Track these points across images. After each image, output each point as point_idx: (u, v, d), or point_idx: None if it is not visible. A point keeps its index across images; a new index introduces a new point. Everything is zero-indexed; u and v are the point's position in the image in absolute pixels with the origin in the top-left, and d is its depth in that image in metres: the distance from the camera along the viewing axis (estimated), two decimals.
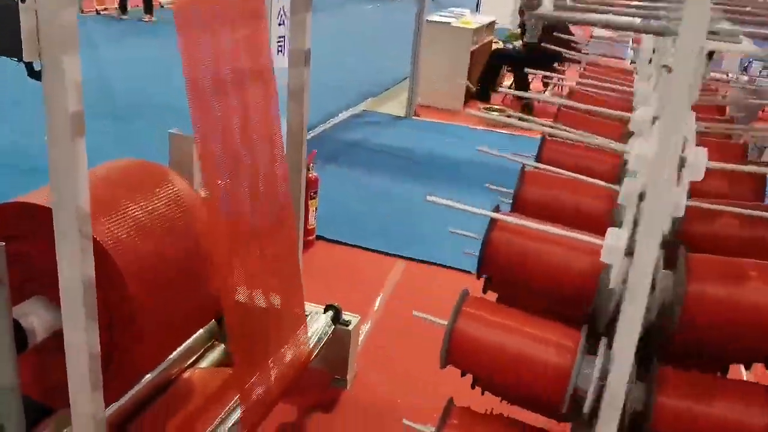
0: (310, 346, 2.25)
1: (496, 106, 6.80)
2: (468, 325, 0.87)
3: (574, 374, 0.84)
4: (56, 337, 1.76)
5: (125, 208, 1.81)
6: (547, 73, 2.32)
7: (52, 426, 1.88)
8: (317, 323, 2.35)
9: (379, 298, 3.22)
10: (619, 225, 1.02)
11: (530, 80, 6.86)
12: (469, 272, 3.49)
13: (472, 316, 0.87)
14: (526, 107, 6.51)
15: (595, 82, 1.59)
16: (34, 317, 1.71)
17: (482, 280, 1.21)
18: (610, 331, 0.90)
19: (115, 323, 1.70)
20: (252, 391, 1.87)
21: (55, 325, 1.75)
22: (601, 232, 0.93)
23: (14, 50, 1.20)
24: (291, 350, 2.11)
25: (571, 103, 1.37)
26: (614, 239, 0.91)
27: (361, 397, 2.52)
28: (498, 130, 6.28)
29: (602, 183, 1.08)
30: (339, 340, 2.43)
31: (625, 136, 1.41)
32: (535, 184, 1.11)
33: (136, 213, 1.83)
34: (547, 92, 7.42)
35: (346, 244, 3.70)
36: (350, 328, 2.45)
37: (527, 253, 0.91)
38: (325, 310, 2.45)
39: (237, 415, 1.85)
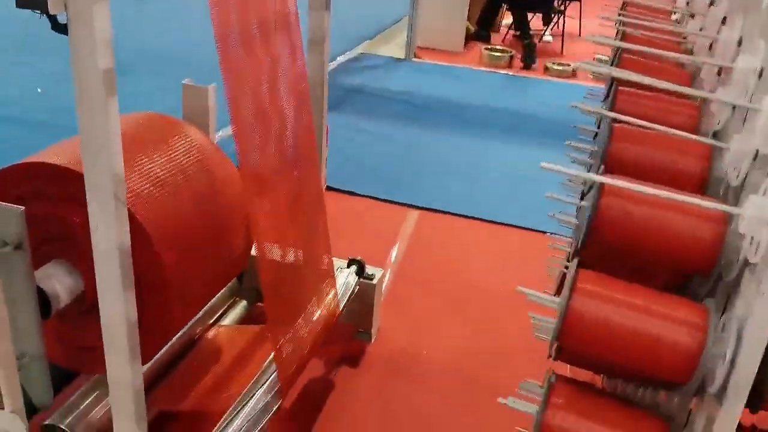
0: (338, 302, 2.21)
1: (498, 47, 6.64)
2: (584, 303, 0.80)
3: (705, 355, 0.79)
4: (78, 302, 1.71)
5: (144, 165, 1.73)
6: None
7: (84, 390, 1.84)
8: (342, 278, 2.30)
9: (394, 249, 3.17)
10: (721, 187, 0.96)
11: (530, 18, 6.68)
12: (485, 221, 3.47)
13: (589, 293, 0.80)
14: (528, 47, 6.35)
15: (643, 22, 1.49)
16: (57, 283, 1.65)
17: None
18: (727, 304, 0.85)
19: (143, 287, 1.63)
20: (285, 349, 1.83)
21: (77, 289, 1.69)
22: (698, 193, 0.87)
23: (38, 2, 1.10)
24: (321, 306, 2.07)
25: (631, 46, 1.27)
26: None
27: (386, 350, 2.49)
28: (500, 71, 6.16)
29: (704, 139, 1.00)
30: (363, 294, 2.39)
31: (691, 83, 1.33)
32: (625, 141, 1.03)
33: (156, 170, 1.75)
34: (547, 31, 7.26)
35: (356, 194, 3.63)
36: (374, 282, 2.40)
37: (643, 221, 0.84)
38: (349, 265, 2.40)
39: (272, 373, 1.81)
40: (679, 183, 0.95)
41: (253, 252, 2.01)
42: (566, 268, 1.53)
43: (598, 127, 1.52)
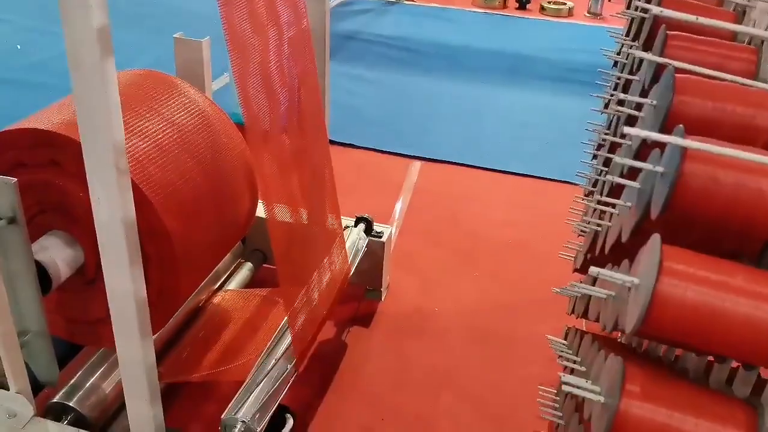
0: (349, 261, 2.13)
1: None
2: (672, 284, 0.72)
3: None
4: (80, 274, 1.62)
5: (144, 129, 1.62)
6: None
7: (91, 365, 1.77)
8: (350, 236, 2.21)
9: (399, 203, 3.08)
10: None
11: None
12: (489, 169, 3.37)
13: (676, 273, 0.72)
14: None
15: None
16: (56, 255, 1.56)
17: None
18: None
19: (149, 258, 1.54)
20: (299, 314, 1.75)
21: (78, 261, 1.60)
22: None
23: None
24: (332, 266, 1.99)
25: None
26: None
27: (397, 308, 2.43)
28: (494, 12, 5.97)
29: None
30: (371, 252, 2.31)
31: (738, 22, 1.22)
32: (691, 93, 0.92)
33: (156, 133, 1.64)
34: None
35: (356, 146, 3.52)
36: (383, 239, 2.32)
37: (733, 188, 0.75)
38: (356, 223, 2.31)
39: (287, 339, 1.74)
40: (752, 140, 0.86)
41: (260, 213, 1.92)
42: (599, 226, 1.45)
43: (630, 73, 1.42)
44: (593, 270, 0.80)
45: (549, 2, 6.06)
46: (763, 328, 0.71)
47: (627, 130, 0.78)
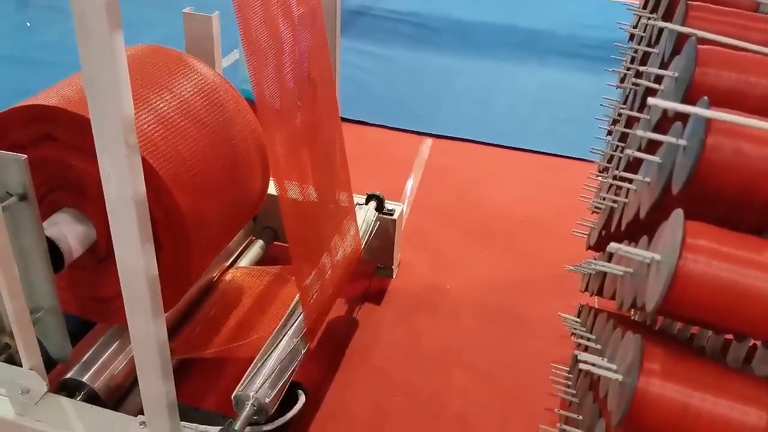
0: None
1: None
2: (695, 261, 0.70)
3: None
4: (92, 251, 1.62)
5: (154, 105, 1.61)
6: None
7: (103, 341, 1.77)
8: (362, 214, 2.20)
9: (410, 180, 3.06)
10: None
11: None
12: (501, 146, 3.34)
13: (699, 249, 0.70)
14: None
15: None
16: (68, 233, 1.56)
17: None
18: None
19: (160, 235, 1.54)
20: (311, 290, 1.75)
21: (90, 238, 1.60)
22: None
23: None
24: (344, 244, 1.98)
25: None
26: None
27: (409, 286, 2.42)
28: None
29: None
30: (382, 229, 2.30)
31: None
32: (715, 65, 0.90)
33: (166, 110, 1.62)
34: None
35: (367, 123, 3.50)
36: (394, 217, 2.31)
37: (761, 161, 0.72)
38: (368, 200, 2.29)
39: (298, 316, 1.74)
40: None
41: (271, 191, 1.91)
42: (614, 202, 1.43)
43: (649, 45, 1.38)
44: (613, 246, 0.79)
45: None
46: None
47: (651, 101, 0.76)
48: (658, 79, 1.13)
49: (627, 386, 0.75)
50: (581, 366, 0.82)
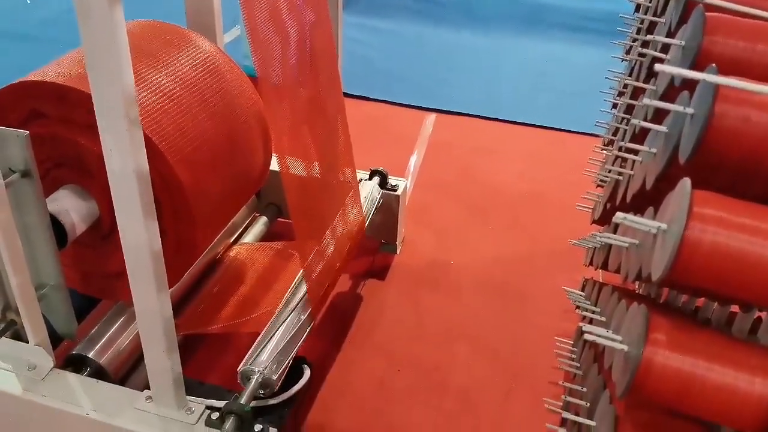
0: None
1: None
2: (702, 230, 0.69)
3: None
4: (96, 228, 1.62)
5: (154, 80, 1.59)
6: None
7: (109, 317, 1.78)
8: (365, 190, 2.19)
9: (414, 155, 3.05)
10: None
11: None
12: (506, 121, 3.33)
13: (707, 218, 0.69)
14: None
15: None
16: (71, 210, 1.55)
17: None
18: None
19: (163, 211, 1.54)
20: (315, 266, 1.75)
21: (93, 215, 1.60)
22: None
23: None
24: (347, 220, 1.97)
25: None
26: None
27: (413, 261, 2.42)
28: None
29: None
30: (386, 205, 2.29)
31: None
32: (723, 33, 0.88)
33: (167, 84, 1.61)
34: None
35: (370, 99, 3.48)
36: (398, 192, 2.30)
37: (765, 128, 0.71)
38: (371, 176, 2.29)
39: (303, 291, 1.74)
40: None
41: (272, 166, 1.90)
42: (619, 175, 1.42)
43: (655, 15, 1.37)
44: (619, 215, 0.78)
45: None
46: None
47: (659, 67, 0.74)
48: (665, 49, 1.11)
49: (632, 357, 0.75)
50: (586, 337, 0.82)
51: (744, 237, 0.69)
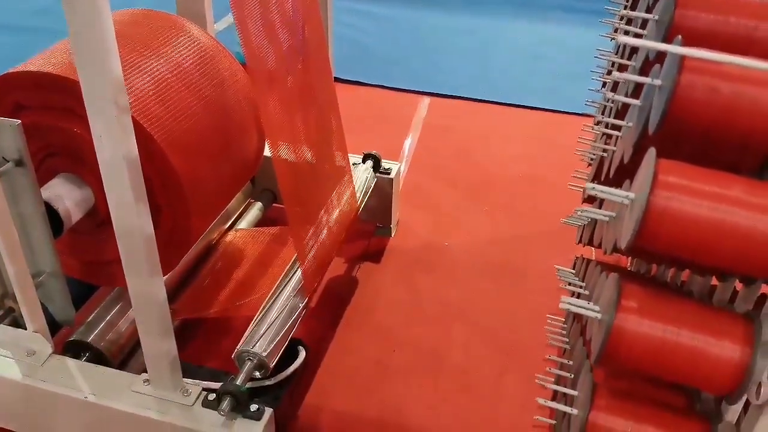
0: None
1: None
2: (667, 197, 0.71)
3: None
4: (91, 215, 1.64)
5: (144, 66, 1.61)
6: None
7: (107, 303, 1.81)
8: (358, 173, 2.21)
9: (408, 139, 3.06)
10: None
11: None
12: (500, 103, 3.34)
13: (671, 186, 0.71)
14: None
15: None
16: (66, 198, 1.57)
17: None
18: None
19: (156, 196, 1.56)
20: (308, 249, 1.77)
21: (89, 203, 1.62)
22: None
23: None
24: (341, 203, 1.99)
25: None
26: None
27: (408, 244, 2.44)
28: None
29: None
30: (380, 189, 2.31)
31: None
32: (693, 7, 0.89)
33: (157, 71, 1.62)
34: None
35: (364, 83, 3.49)
36: (391, 176, 2.32)
37: (732, 98, 0.73)
38: (364, 159, 2.30)
39: (297, 274, 1.76)
40: (758, 53, 0.83)
41: (267, 153, 1.92)
42: (604, 152, 1.43)
43: None
44: (588, 186, 0.80)
45: None
46: (756, 238, 0.70)
47: (621, 39, 0.76)
48: (645, 25, 1.12)
49: (605, 323, 0.77)
50: (561, 306, 0.84)
51: (707, 203, 0.70)
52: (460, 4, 4.48)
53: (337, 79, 3.37)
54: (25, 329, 1.55)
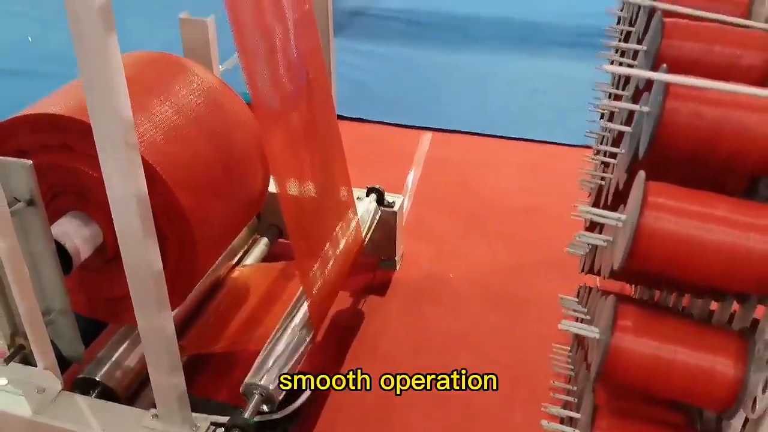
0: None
1: None
2: (656, 217, 0.73)
3: None
4: (100, 252, 1.67)
5: (152, 107, 1.65)
6: None
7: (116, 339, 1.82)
8: (362, 207, 2.24)
9: (411, 173, 3.10)
10: None
11: None
12: (500, 137, 3.38)
13: (659, 207, 0.74)
14: None
15: None
16: (75, 236, 1.60)
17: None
18: None
19: (164, 232, 1.59)
20: (314, 283, 1.79)
21: (97, 240, 1.65)
22: (764, 86, 0.78)
23: None
24: (345, 237, 2.02)
25: None
26: None
27: (412, 277, 2.46)
28: None
29: (763, 25, 0.91)
30: (384, 222, 2.34)
31: None
32: (679, 36, 0.93)
33: (165, 111, 1.67)
34: None
35: (366, 120, 3.54)
36: (395, 209, 2.35)
37: (716, 123, 0.76)
38: (368, 193, 2.34)
39: (303, 308, 1.78)
40: (740, 79, 0.87)
41: (272, 189, 1.95)
42: (602, 180, 1.46)
43: (630, 25, 1.42)
44: (581, 209, 0.83)
45: None
46: (741, 254, 0.73)
47: (606, 67, 0.80)
48: (636, 56, 1.16)
49: (602, 343, 0.79)
50: (560, 327, 0.86)
51: (695, 223, 0.73)
52: (459, 41, 4.56)
53: (340, 117, 3.43)
54: (36, 366, 1.57)
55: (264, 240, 2.37)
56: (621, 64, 1.52)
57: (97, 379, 1.71)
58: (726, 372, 0.75)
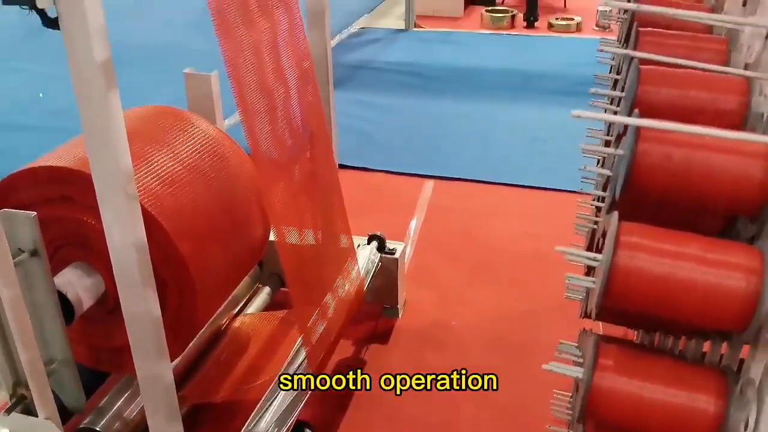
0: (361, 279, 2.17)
1: (498, 7, 6.52)
2: (630, 257, 0.75)
3: (763, 299, 0.74)
4: (102, 303, 1.69)
5: (154, 159, 1.70)
6: None
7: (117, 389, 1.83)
8: (363, 255, 2.26)
9: (413, 221, 3.13)
10: (760, 123, 0.89)
11: None
12: (501, 184, 3.42)
13: (634, 246, 0.76)
14: (530, 4, 6.21)
15: None
16: (78, 286, 1.63)
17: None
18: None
19: (165, 282, 1.61)
20: (313, 332, 1.80)
21: (99, 290, 1.67)
22: (739, 129, 0.81)
23: None
24: (346, 285, 2.04)
25: None
26: None
27: (415, 324, 2.46)
28: (502, 32, 6.05)
29: (738, 71, 0.94)
30: (385, 269, 2.36)
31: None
32: (655, 83, 0.96)
33: (166, 162, 1.71)
34: None
35: (370, 169, 3.59)
36: (396, 256, 2.36)
37: (686, 164, 0.78)
38: (369, 241, 2.36)
39: (303, 357, 1.79)
40: (716, 123, 0.89)
41: (272, 237, 1.98)
42: (595, 224, 1.48)
43: (617, 73, 1.46)
44: (558, 248, 0.84)
45: (557, 18, 6.12)
46: (713, 291, 0.74)
47: (574, 113, 0.83)
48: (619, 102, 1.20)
49: (584, 382, 0.79)
50: (544, 367, 0.87)
51: (667, 261, 0.75)
52: (460, 90, 4.65)
53: (344, 166, 3.49)
54: (37, 416, 1.57)
55: (266, 289, 2.39)
56: (613, 111, 1.56)
57: (98, 430, 1.71)
58: (707, 409, 0.75)
